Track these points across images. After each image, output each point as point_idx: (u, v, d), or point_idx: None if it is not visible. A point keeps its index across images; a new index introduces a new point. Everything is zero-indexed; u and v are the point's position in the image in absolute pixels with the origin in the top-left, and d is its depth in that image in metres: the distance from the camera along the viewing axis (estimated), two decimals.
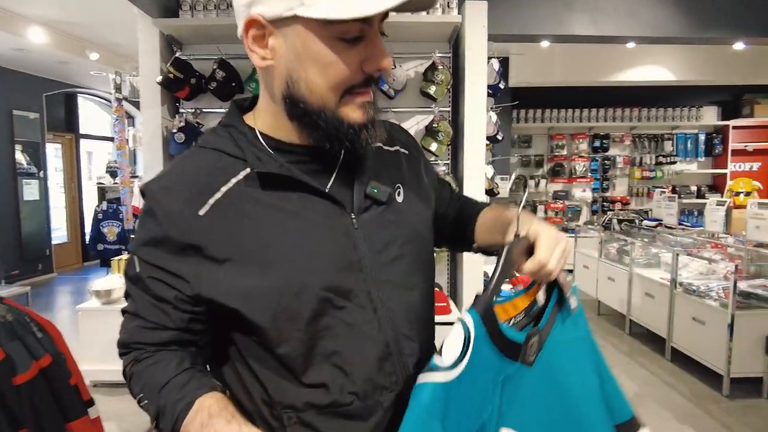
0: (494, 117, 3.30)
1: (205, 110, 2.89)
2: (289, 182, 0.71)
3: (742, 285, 3.19)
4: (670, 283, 3.69)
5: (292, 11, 0.62)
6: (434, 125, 2.95)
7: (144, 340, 0.72)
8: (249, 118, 0.77)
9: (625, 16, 3.48)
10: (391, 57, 0.64)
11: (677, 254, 3.68)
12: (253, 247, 0.68)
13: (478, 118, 2.97)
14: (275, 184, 0.71)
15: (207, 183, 0.70)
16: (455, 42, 3.09)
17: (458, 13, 2.86)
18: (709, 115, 7.50)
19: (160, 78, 2.70)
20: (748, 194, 6.93)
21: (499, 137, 3.31)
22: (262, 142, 0.74)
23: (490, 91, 3.20)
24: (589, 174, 7.61)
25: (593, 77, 6.81)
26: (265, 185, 0.70)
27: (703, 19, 3.55)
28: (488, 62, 3.13)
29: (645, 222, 5.71)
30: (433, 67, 2.92)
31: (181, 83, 2.74)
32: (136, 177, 5.56)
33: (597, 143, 7.54)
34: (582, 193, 7.61)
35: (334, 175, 0.76)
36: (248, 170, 0.71)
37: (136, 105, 3.28)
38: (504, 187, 6.75)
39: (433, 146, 2.94)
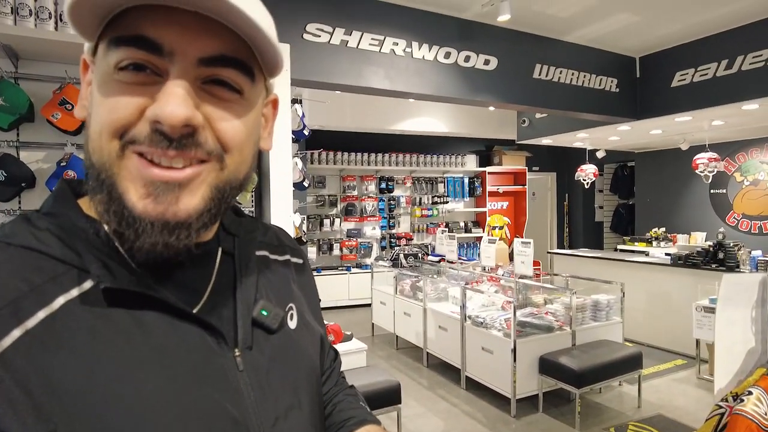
0: (300, 163, 3.20)
1: None
2: (147, 300, 0.47)
3: (517, 315, 3.67)
4: (460, 316, 4.05)
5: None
6: None
7: None
8: (86, 205, 0.51)
9: (414, 75, 3.80)
10: (190, 111, 0.45)
11: (465, 290, 4.07)
12: (87, 406, 0.41)
13: (284, 163, 2.83)
14: (127, 303, 0.46)
15: (11, 302, 0.42)
16: None
17: None
18: (471, 162, 8.79)
19: None
20: (501, 228, 8.29)
21: (306, 184, 3.22)
22: (113, 238, 0.49)
23: (294, 137, 3.11)
24: (378, 213, 8.11)
25: (379, 125, 7.37)
26: (113, 305, 0.46)
27: (472, 86, 4.11)
28: (292, 107, 3.04)
29: (430, 257, 6.27)
30: None
31: None
32: None
33: (383, 185, 8.11)
34: (372, 230, 8.04)
35: (209, 289, 0.54)
36: (88, 284, 0.46)
37: None
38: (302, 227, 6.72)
39: None
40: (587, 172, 6.58)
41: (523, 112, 6.54)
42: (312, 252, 7.29)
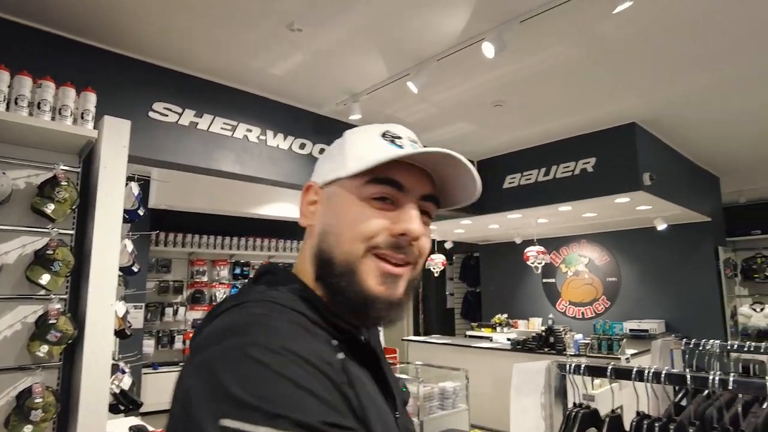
0: (130, 245, 2.90)
1: None
2: (369, 362, 0.66)
3: None
4: None
5: (335, 174, 0.70)
6: (48, 252, 2.35)
7: None
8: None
9: (267, 161, 3.78)
10: (425, 230, 0.69)
11: None
12: (371, 416, 0.57)
13: (111, 246, 2.53)
14: (360, 359, 0.64)
15: (325, 341, 0.61)
16: (88, 157, 2.66)
17: (94, 128, 2.49)
18: None
19: None
20: None
21: (135, 269, 2.90)
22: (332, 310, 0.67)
23: (127, 216, 2.83)
24: None
25: (235, 208, 7.11)
26: (354, 358, 0.63)
27: None
28: (127, 185, 2.79)
29: None
30: (54, 182, 2.39)
31: None
32: None
33: (238, 270, 7.72)
34: None
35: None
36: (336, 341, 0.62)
37: None
38: (137, 317, 5.98)
39: (45, 278, 2.33)
40: (436, 261, 6.98)
41: None
42: (149, 346, 6.48)
